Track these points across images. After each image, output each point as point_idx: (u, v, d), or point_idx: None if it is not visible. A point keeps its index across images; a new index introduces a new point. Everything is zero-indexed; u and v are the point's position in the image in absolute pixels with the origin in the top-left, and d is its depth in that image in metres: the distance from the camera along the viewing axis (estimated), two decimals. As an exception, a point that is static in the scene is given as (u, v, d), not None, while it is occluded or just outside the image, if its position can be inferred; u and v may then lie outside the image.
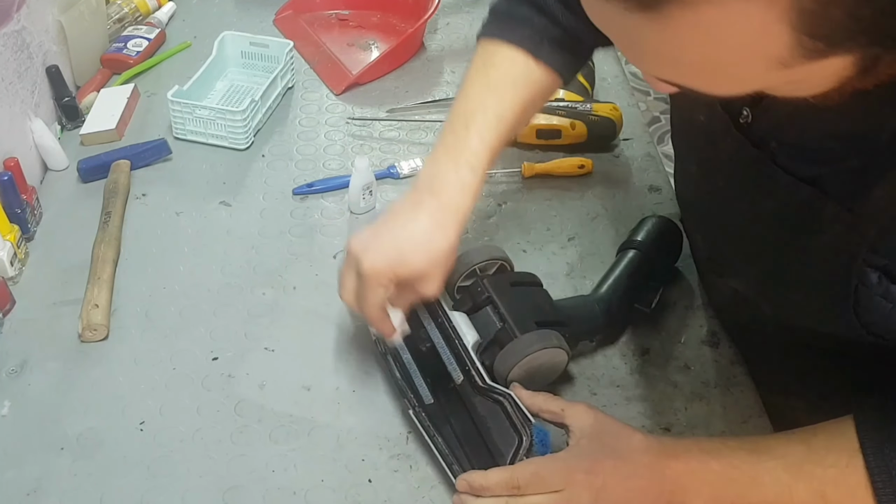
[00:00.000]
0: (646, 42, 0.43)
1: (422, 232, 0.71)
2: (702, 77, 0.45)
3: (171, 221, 0.97)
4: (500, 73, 0.77)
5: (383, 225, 0.73)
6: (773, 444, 0.63)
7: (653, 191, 1.02)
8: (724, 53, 0.41)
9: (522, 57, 0.76)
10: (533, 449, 0.66)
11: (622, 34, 0.44)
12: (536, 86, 0.78)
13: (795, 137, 0.59)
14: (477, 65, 0.78)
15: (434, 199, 0.73)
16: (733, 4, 0.38)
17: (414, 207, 0.73)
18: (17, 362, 0.80)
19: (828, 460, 0.59)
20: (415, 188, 0.75)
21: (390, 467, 0.72)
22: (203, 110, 1.06)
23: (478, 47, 0.80)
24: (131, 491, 0.70)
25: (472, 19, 1.36)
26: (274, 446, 0.74)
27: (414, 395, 0.74)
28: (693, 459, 0.63)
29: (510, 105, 0.76)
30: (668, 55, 0.43)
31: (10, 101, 0.98)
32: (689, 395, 0.78)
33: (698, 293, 0.88)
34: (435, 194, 0.73)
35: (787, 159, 0.59)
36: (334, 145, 1.10)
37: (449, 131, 0.76)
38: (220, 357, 0.81)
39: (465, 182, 0.73)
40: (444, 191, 0.73)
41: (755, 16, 0.38)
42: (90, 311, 0.82)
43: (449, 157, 0.74)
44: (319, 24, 1.34)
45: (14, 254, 0.88)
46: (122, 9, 1.29)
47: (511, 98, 0.76)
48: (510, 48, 0.77)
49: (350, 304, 0.74)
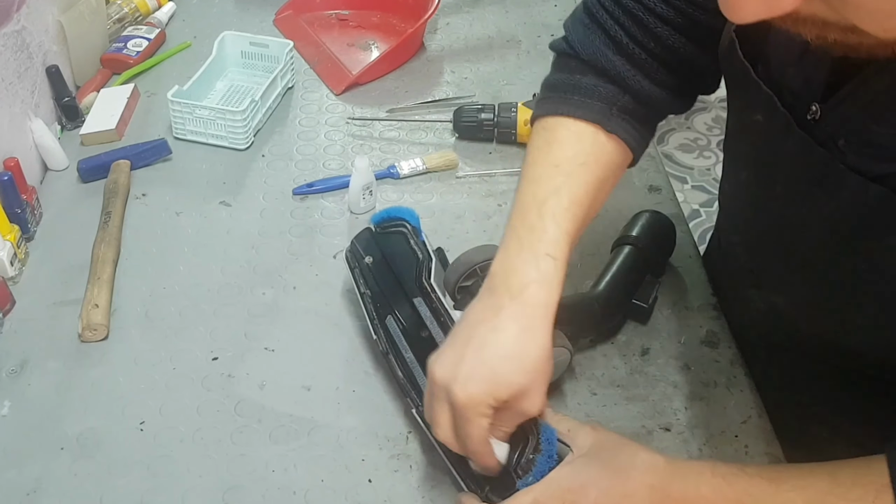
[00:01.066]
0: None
1: (512, 343, 0.61)
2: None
3: (171, 221, 0.97)
4: (568, 152, 0.68)
5: (464, 342, 0.62)
6: (794, 475, 0.58)
7: (653, 191, 1.02)
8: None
9: (591, 131, 0.69)
10: (539, 447, 0.65)
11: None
12: (609, 162, 0.70)
13: (868, 132, 0.54)
14: (538, 143, 0.70)
15: (515, 300, 0.62)
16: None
17: (495, 314, 0.62)
18: (17, 362, 0.80)
19: (853, 494, 0.55)
20: (489, 290, 0.65)
21: (390, 467, 0.72)
22: (203, 110, 1.06)
23: (535, 127, 0.72)
24: (131, 491, 0.70)
25: (472, 19, 1.36)
26: (274, 446, 0.74)
27: (416, 394, 0.73)
28: (704, 485, 0.59)
29: (583, 186, 0.67)
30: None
31: (10, 101, 0.98)
32: (689, 395, 0.78)
33: (699, 293, 0.88)
34: (515, 295, 0.63)
35: (855, 157, 0.55)
36: (334, 145, 1.10)
37: (519, 221, 0.66)
38: (220, 357, 0.81)
39: (546, 275, 0.63)
40: (526, 288, 0.63)
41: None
42: (90, 311, 0.82)
43: (524, 250, 0.64)
44: (319, 24, 1.34)
45: (14, 254, 0.88)
46: (122, 9, 1.29)
47: (584, 178, 0.67)
48: (575, 122, 0.69)
49: (449, 443, 0.64)
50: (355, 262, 0.83)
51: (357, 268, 0.83)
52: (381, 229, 0.85)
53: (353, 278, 0.82)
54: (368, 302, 0.80)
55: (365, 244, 0.84)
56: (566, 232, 0.65)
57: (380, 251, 0.83)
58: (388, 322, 0.78)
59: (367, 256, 0.83)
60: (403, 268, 0.80)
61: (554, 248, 0.64)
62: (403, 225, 0.83)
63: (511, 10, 1.38)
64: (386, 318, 0.78)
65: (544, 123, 0.71)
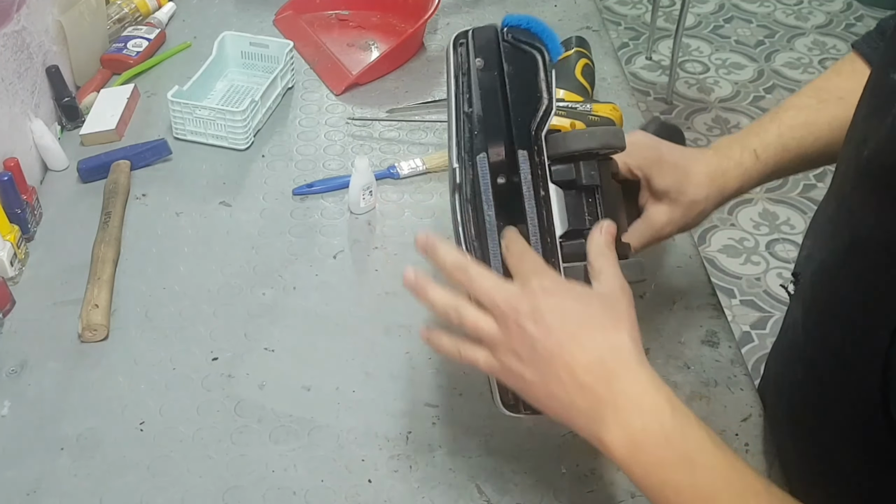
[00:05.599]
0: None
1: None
2: None
3: (171, 221, 0.97)
4: (834, 83, 0.73)
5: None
6: (747, 469, 0.52)
7: (653, 191, 1.02)
8: None
9: (867, 72, 0.66)
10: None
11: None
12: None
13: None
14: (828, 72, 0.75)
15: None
16: None
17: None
18: (17, 362, 0.80)
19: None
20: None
21: (390, 467, 0.72)
22: (203, 110, 1.06)
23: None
24: (131, 491, 0.70)
25: (472, 19, 1.36)
26: (274, 446, 0.74)
27: (481, 256, 0.61)
28: (651, 394, 0.54)
29: (826, 119, 0.71)
30: None
31: (10, 102, 0.98)
32: (689, 395, 0.78)
33: (699, 293, 0.88)
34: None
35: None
36: (334, 145, 1.10)
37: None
38: (220, 357, 0.81)
39: (745, 165, 0.73)
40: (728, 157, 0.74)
41: None
42: (90, 311, 0.82)
43: (740, 138, 0.74)
44: (319, 24, 1.34)
45: (14, 254, 0.88)
46: (122, 9, 1.29)
47: (831, 112, 0.71)
48: (860, 60, 0.72)
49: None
50: (462, 61, 0.63)
51: (462, 72, 0.63)
52: (512, 38, 0.64)
53: (454, 84, 0.63)
54: (465, 126, 0.62)
55: (483, 44, 0.63)
56: (784, 141, 0.71)
57: (497, 62, 0.63)
58: (479, 160, 0.61)
59: (478, 58, 0.63)
60: (519, 103, 0.62)
61: (761, 146, 0.72)
62: (540, 50, 0.63)
63: (511, 10, 1.38)
64: (479, 154, 0.61)
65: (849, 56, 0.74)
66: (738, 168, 0.74)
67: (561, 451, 0.73)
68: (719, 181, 0.74)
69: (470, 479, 0.71)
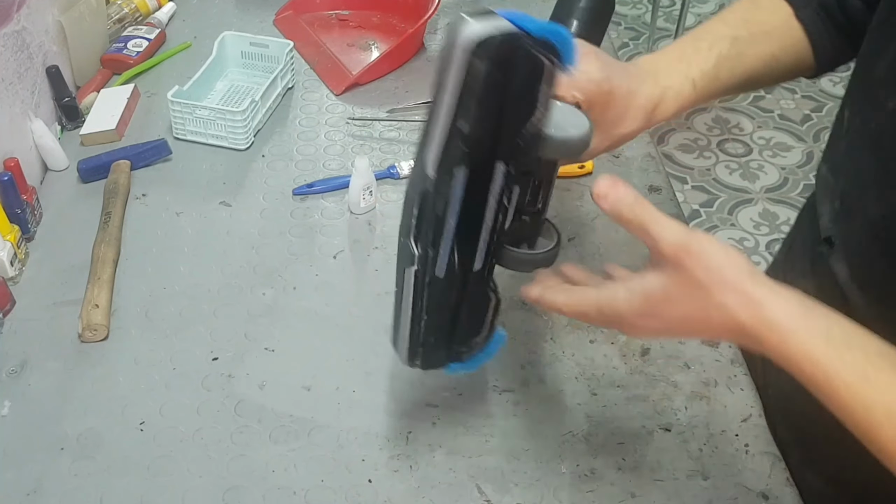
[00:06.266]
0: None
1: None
2: None
3: (171, 221, 0.97)
4: (759, 17, 0.74)
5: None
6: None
7: (653, 191, 1.02)
8: None
9: (787, 10, 0.73)
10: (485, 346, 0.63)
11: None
12: (785, 47, 0.74)
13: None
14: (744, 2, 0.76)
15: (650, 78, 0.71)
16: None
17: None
18: (17, 362, 0.80)
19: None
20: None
21: (390, 467, 0.72)
22: (203, 110, 1.06)
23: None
24: (131, 491, 0.70)
25: (472, 19, 1.35)
26: (274, 446, 0.74)
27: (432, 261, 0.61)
28: (797, 305, 0.51)
29: (756, 52, 0.73)
30: None
31: (10, 102, 0.98)
32: (689, 395, 0.78)
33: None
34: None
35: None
36: (334, 145, 1.10)
37: (682, 39, 0.75)
38: (220, 357, 0.81)
39: (683, 95, 0.72)
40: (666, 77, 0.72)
41: None
42: (90, 311, 0.82)
43: (681, 61, 0.73)
44: (319, 25, 1.34)
45: (14, 254, 0.88)
46: (122, 9, 1.29)
47: (762, 48, 0.73)
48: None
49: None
50: (478, 75, 0.53)
51: (473, 87, 0.53)
52: (528, 41, 0.55)
53: (457, 97, 0.54)
54: (455, 140, 0.55)
55: (505, 58, 0.54)
56: (714, 66, 0.72)
57: (512, 78, 0.55)
58: (456, 171, 0.57)
59: (495, 70, 0.54)
60: (513, 114, 0.56)
61: (698, 74, 0.72)
62: (551, 58, 0.55)
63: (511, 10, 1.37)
64: (458, 166, 0.57)
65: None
66: (675, 98, 0.72)
67: (561, 451, 0.73)
68: (655, 113, 0.72)
69: (470, 479, 0.71)
